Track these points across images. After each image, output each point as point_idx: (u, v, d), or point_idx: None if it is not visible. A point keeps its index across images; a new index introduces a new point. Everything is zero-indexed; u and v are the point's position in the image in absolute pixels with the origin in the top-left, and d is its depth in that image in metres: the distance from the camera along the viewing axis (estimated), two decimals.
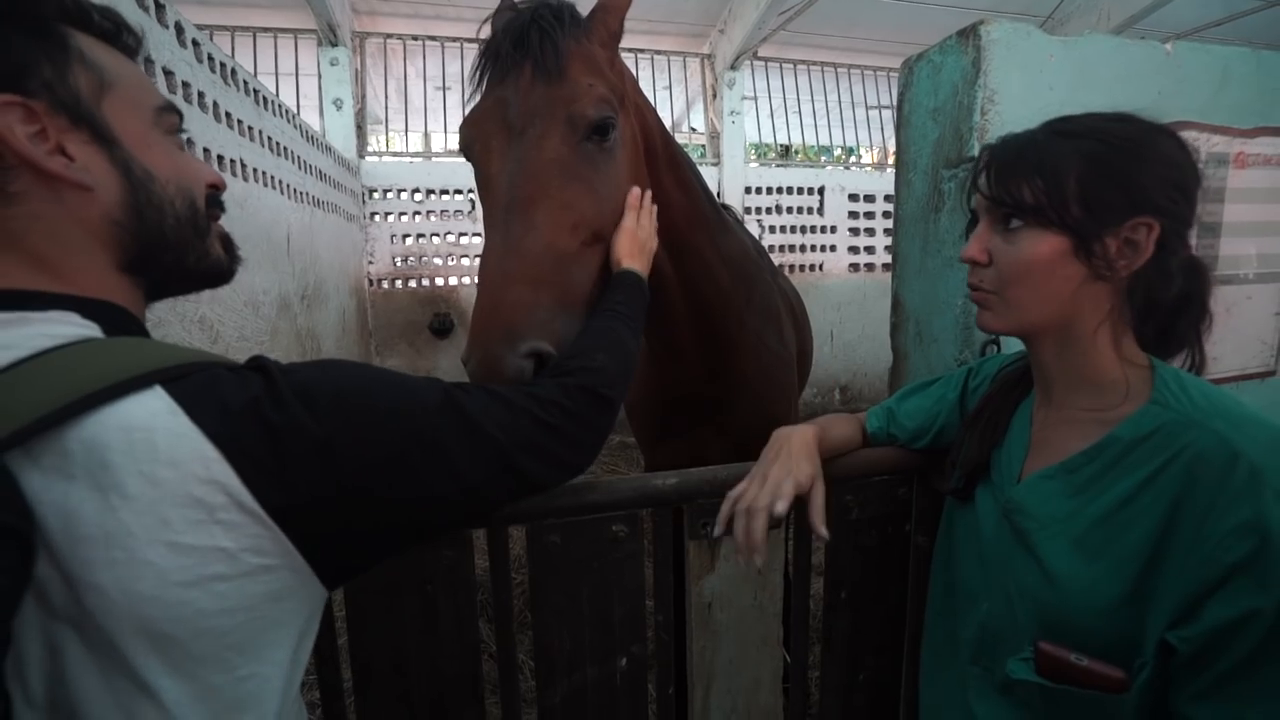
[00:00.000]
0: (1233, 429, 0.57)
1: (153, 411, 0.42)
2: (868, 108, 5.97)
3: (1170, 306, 0.66)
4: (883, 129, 6.13)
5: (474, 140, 0.95)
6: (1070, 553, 0.64)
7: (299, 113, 3.54)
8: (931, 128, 1.01)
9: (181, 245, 0.54)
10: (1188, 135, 1.08)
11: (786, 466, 0.77)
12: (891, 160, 6.49)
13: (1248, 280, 1.18)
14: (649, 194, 1.01)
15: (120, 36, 0.53)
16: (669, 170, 1.17)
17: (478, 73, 0.97)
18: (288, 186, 2.79)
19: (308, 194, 3.17)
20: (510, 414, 0.62)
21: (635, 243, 0.95)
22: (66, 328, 0.45)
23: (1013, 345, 0.95)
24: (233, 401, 0.45)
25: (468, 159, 0.98)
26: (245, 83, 2.30)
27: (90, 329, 0.47)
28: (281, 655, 0.48)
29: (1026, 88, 0.95)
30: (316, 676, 0.83)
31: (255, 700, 0.47)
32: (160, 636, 0.41)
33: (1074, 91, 0.98)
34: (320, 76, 4.39)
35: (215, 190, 0.59)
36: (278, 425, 0.45)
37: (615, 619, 0.87)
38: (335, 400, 0.49)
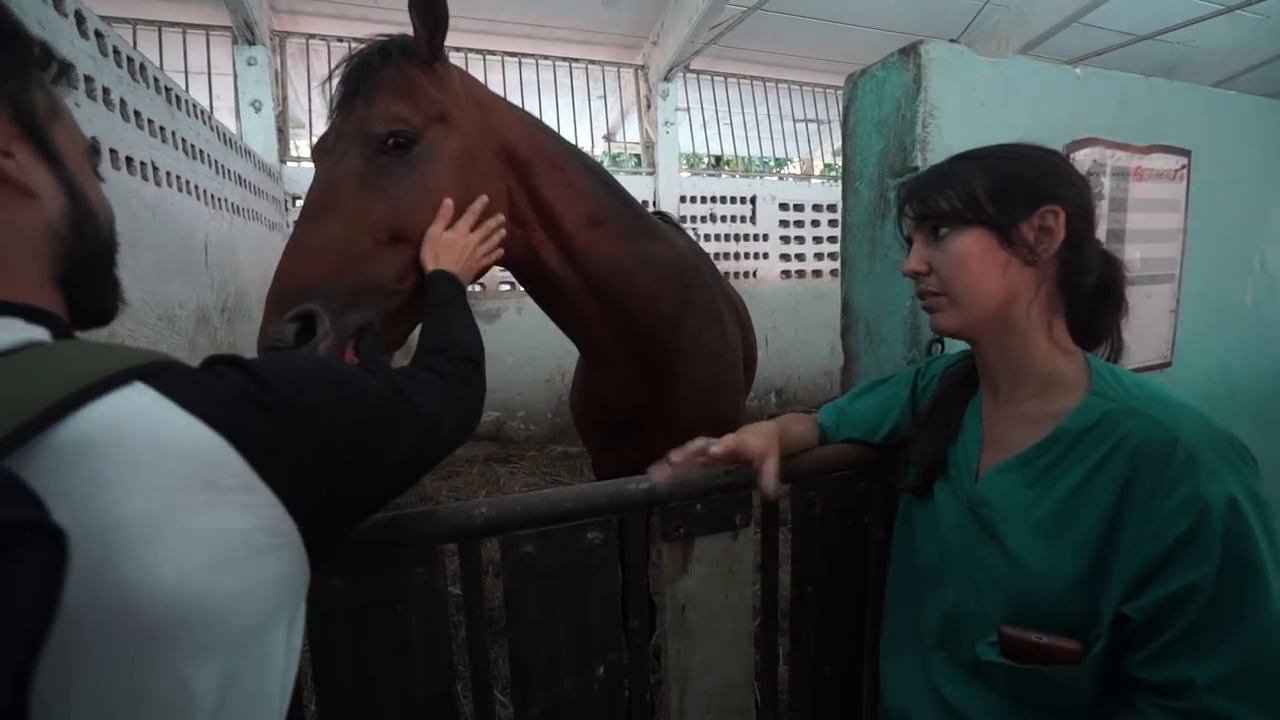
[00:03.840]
0: (1168, 415, 0.64)
1: (141, 404, 0.41)
2: (795, 121, 6.21)
3: (1093, 294, 0.75)
4: (809, 142, 6.39)
5: (314, 162, 1.09)
6: (1032, 539, 0.69)
7: (213, 114, 3.33)
8: (877, 139, 1.07)
9: (104, 271, 0.57)
10: (1095, 150, 1.19)
11: (739, 436, 0.85)
12: (818, 171, 6.79)
13: (1149, 281, 1.30)
14: (474, 206, 1.10)
15: (70, 78, 0.56)
16: (548, 173, 1.25)
17: (328, 109, 1.12)
18: (204, 192, 2.61)
19: (226, 200, 2.98)
20: (424, 385, 0.68)
21: (440, 246, 1.04)
22: (14, 331, 0.43)
23: (954, 346, 1.02)
24: (222, 389, 0.45)
25: None
26: (156, 80, 2.14)
27: (38, 333, 0.45)
28: (280, 641, 0.48)
29: (962, 103, 1.02)
30: None
31: (267, 688, 0.46)
32: (188, 623, 0.40)
33: (1002, 109, 1.06)
34: (236, 76, 4.14)
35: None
36: (270, 405, 0.46)
37: (592, 628, 0.86)
38: (312, 379, 0.51)
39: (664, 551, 0.90)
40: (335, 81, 1.11)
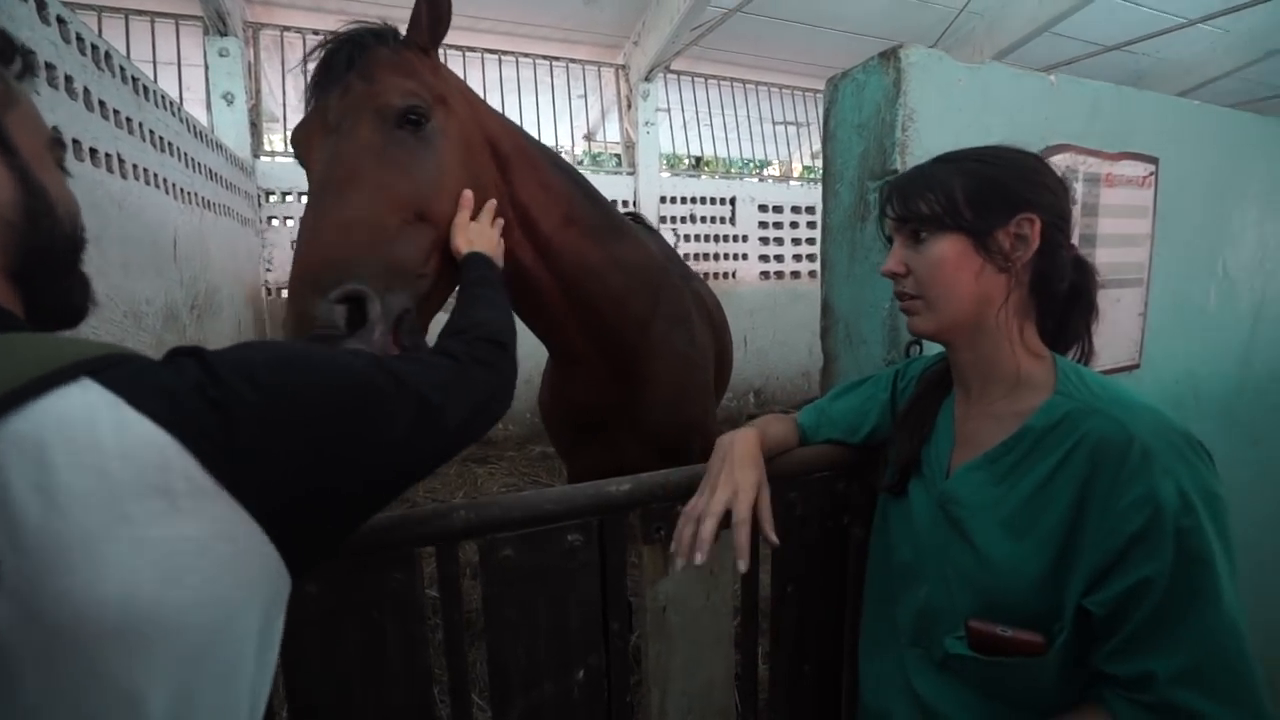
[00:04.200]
0: (1127, 414, 0.65)
1: (88, 403, 0.38)
2: (774, 123, 6.26)
3: (1065, 299, 0.76)
4: (788, 144, 6.44)
5: (300, 144, 1.05)
6: (999, 535, 0.71)
7: (183, 106, 3.25)
8: (857, 141, 1.08)
9: (66, 266, 0.54)
10: (1068, 156, 1.21)
11: (731, 479, 0.80)
12: (797, 173, 6.85)
13: (1118, 285, 1.33)
14: (491, 203, 1.11)
15: (32, 70, 0.54)
16: (525, 171, 1.25)
17: (307, 91, 1.07)
18: (173, 186, 2.55)
19: (196, 194, 2.91)
20: (427, 368, 0.63)
21: (472, 233, 1.03)
22: None
23: (932, 349, 1.03)
24: (175, 386, 0.41)
25: (301, 165, 1.06)
26: (122, 69, 2.08)
27: None
28: (248, 654, 0.45)
29: (940, 108, 1.03)
30: None
31: (231, 704, 0.43)
32: (138, 640, 0.37)
33: (979, 114, 1.07)
34: (207, 68, 4.04)
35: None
36: (224, 401, 0.42)
37: (572, 630, 0.85)
38: (273, 369, 0.47)
39: (645, 553, 0.89)
40: (316, 63, 1.08)
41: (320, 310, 0.83)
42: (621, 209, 2.44)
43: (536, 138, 1.38)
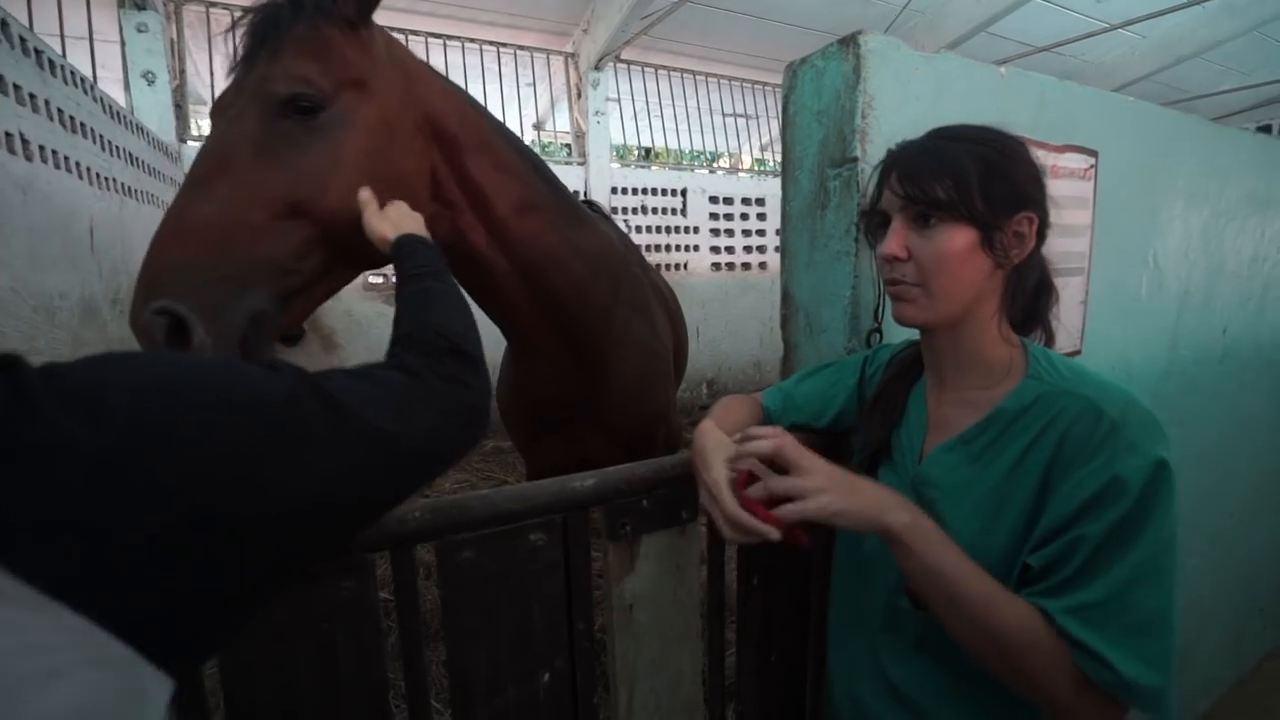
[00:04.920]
0: (1098, 393, 0.67)
1: None
2: (724, 116, 6.29)
3: (1034, 291, 0.77)
4: (739, 136, 6.49)
5: (211, 121, 1.01)
6: (971, 516, 0.71)
7: (97, 84, 3.00)
8: (816, 129, 1.07)
9: None
10: None
11: (705, 483, 0.78)
12: (747, 166, 6.91)
13: (1064, 274, 1.38)
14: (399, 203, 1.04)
15: None
16: (478, 154, 1.19)
17: (231, 62, 1.01)
18: (88, 170, 2.35)
19: (115, 180, 2.70)
20: (377, 388, 0.53)
21: (393, 215, 0.97)
22: None
23: (895, 335, 1.03)
24: None
25: None
26: (23, 39, 1.89)
27: None
28: None
29: (898, 96, 1.04)
30: None
31: None
32: None
33: (934, 103, 1.08)
34: (124, 44, 3.75)
35: None
36: (42, 444, 0.31)
37: (536, 634, 0.82)
38: (131, 399, 0.35)
39: (609, 550, 0.87)
40: (240, 33, 1.01)
41: (143, 319, 0.80)
42: (583, 201, 2.39)
43: (499, 119, 1.32)
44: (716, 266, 5.88)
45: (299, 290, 0.96)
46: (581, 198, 4.94)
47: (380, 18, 1.10)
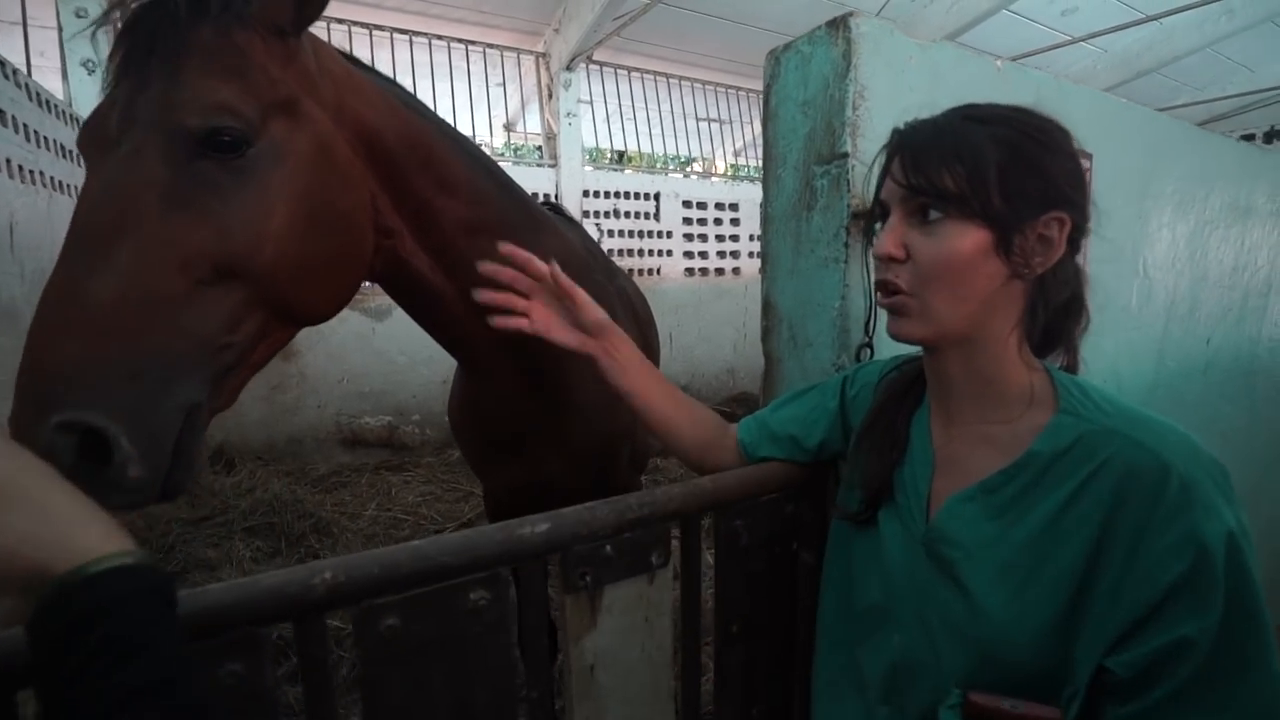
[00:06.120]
0: (1153, 438, 0.56)
1: None
2: (698, 120, 6.23)
3: (1062, 309, 0.65)
4: (713, 141, 6.44)
5: (85, 152, 0.78)
6: (998, 581, 0.59)
7: (30, 73, 2.78)
8: (802, 121, 0.97)
9: None
10: None
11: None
12: (721, 171, 6.86)
13: None
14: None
15: None
16: (420, 173, 1.02)
17: (110, 63, 0.78)
18: (10, 163, 2.19)
19: (42, 174, 2.51)
20: None
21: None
22: None
23: (886, 349, 0.93)
24: None
25: None
26: None
27: None
28: None
29: (891, 86, 0.94)
30: None
31: None
32: None
33: (930, 94, 0.99)
34: (61, 30, 3.51)
35: None
36: None
37: (480, 709, 0.69)
38: None
39: (567, 604, 0.74)
40: (116, 29, 0.79)
41: (41, 438, 0.62)
42: (540, 200, 2.26)
43: (449, 122, 1.15)
44: (690, 272, 5.80)
45: (233, 365, 0.78)
46: (543, 200, 4.81)
47: (337, 9, 0.91)
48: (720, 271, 5.97)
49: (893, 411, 0.75)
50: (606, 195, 5.33)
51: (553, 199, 5.03)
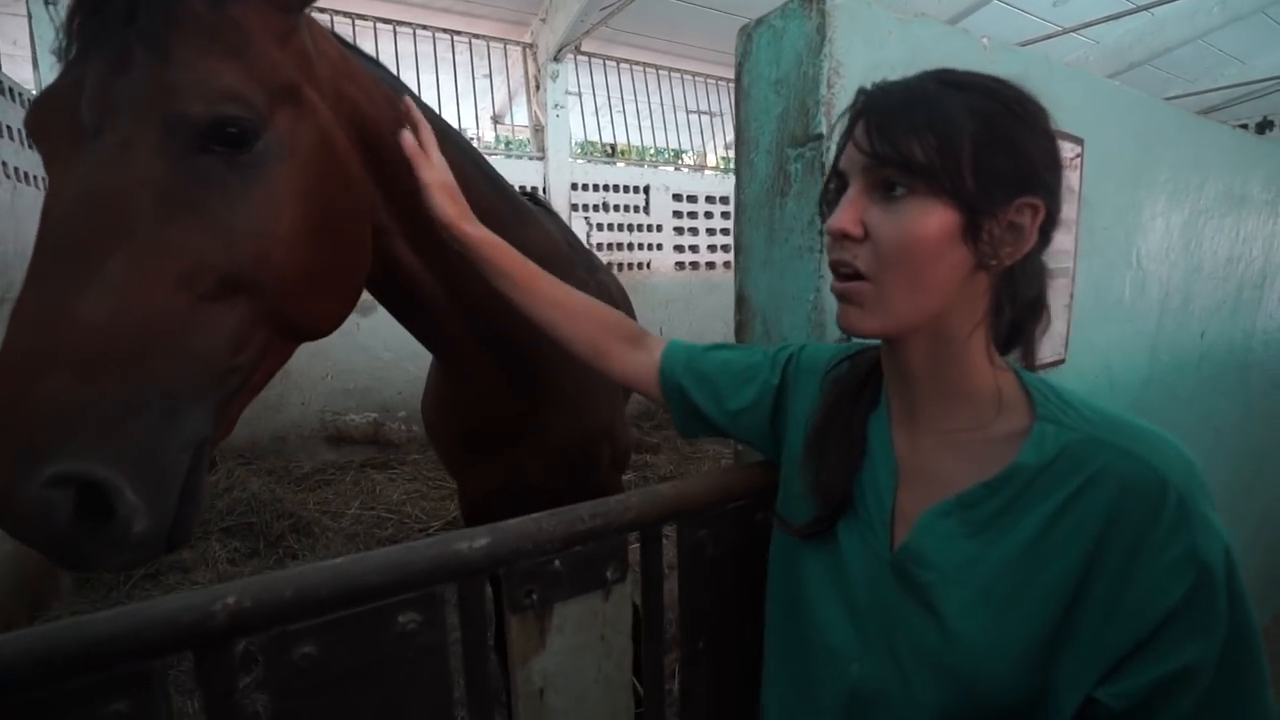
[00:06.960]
0: (1145, 449, 0.50)
1: None
2: (689, 112, 6.16)
3: (1027, 305, 0.58)
4: (704, 134, 6.37)
5: (39, 138, 0.67)
6: (976, 605, 0.53)
7: (1, 63, 2.70)
8: (775, 101, 0.90)
9: None
10: None
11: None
12: (712, 164, 6.79)
13: (1050, 275, 1.25)
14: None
15: None
16: (412, 168, 0.93)
17: (64, 36, 0.67)
18: None
19: (4, 164, 2.44)
20: None
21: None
22: None
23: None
24: None
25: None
26: None
27: None
28: None
29: (869, 63, 0.88)
30: None
31: None
32: None
33: (909, 71, 0.92)
34: (31, 17, 3.42)
35: None
36: None
37: None
38: None
39: (512, 625, 0.68)
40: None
41: (28, 494, 0.52)
42: (522, 192, 2.20)
43: (436, 111, 1.08)
44: (680, 266, 5.75)
45: (237, 390, 0.70)
46: (529, 191, 4.72)
47: None
48: (711, 265, 5.92)
49: (848, 411, 0.67)
50: (595, 188, 5.26)
51: (540, 192, 4.95)
